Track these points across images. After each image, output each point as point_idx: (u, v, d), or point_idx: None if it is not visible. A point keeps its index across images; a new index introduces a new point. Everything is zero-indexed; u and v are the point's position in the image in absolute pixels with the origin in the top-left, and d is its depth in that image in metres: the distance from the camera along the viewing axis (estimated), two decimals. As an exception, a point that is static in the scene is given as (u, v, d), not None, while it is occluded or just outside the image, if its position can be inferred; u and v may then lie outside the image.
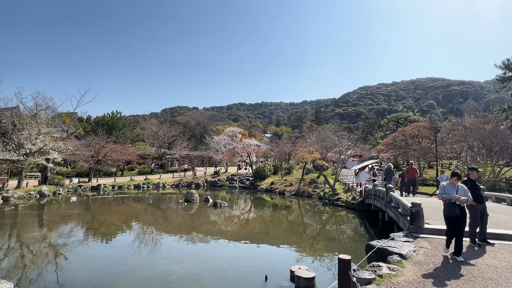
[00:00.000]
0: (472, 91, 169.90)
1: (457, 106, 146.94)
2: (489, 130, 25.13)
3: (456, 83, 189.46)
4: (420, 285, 5.07)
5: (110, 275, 7.61)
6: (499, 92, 31.52)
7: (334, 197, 21.93)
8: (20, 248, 10.41)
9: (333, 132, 40.71)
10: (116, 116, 58.26)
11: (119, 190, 29.14)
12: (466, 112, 76.08)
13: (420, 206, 8.56)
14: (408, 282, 5.20)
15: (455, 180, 6.34)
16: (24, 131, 24.33)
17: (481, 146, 23.79)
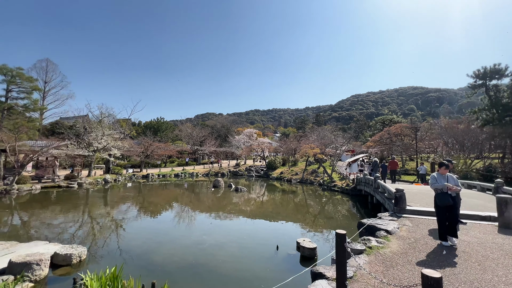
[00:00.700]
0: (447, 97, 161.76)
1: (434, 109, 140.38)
2: (461, 129, 23.91)
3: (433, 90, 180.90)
4: (403, 255, 4.91)
5: (156, 243, 7.81)
6: (471, 97, 29.77)
7: (331, 184, 21.55)
8: (91, 221, 10.86)
9: (330, 132, 39.94)
10: (160, 121, 59.44)
11: (163, 178, 29.83)
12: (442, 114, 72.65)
13: (403, 192, 8.27)
14: (393, 253, 5.04)
15: (443, 169, 5.50)
16: (92, 133, 25.33)
17: (455, 142, 22.71)
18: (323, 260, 5.85)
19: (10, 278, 4.75)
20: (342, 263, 2.93)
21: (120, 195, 18.30)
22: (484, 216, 7.27)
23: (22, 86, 20.49)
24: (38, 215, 11.54)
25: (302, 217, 12.06)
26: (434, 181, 5.42)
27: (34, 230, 9.34)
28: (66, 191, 18.83)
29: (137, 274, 5.21)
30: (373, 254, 5.05)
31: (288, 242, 7.86)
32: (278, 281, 4.78)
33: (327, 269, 4.54)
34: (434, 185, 5.39)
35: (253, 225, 10.45)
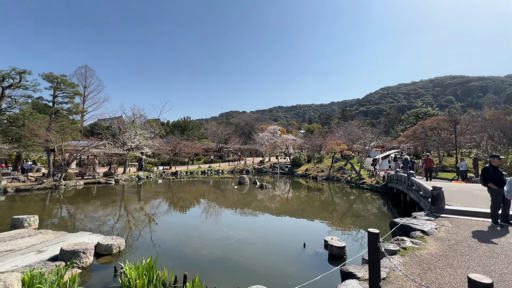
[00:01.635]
0: (492, 86, 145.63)
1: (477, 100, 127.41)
2: (510, 121, 21.42)
3: (475, 79, 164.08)
4: (442, 257, 4.57)
5: (186, 237, 8.17)
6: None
7: (359, 181, 20.71)
8: (127, 215, 11.67)
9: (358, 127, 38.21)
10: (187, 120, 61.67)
11: (190, 175, 31.00)
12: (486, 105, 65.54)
13: (441, 190, 7.67)
14: (430, 255, 4.72)
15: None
16: (126, 133, 27.11)
17: (502, 135, 20.44)
18: (353, 260, 5.66)
19: (62, 264, 5.30)
20: (375, 264, 2.80)
21: (152, 191, 19.39)
22: (539, 218, 6.49)
23: (66, 91, 22.55)
24: (82, 208, 12.69)
25: (329, 215, 11.76)
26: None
27: (79, 222, 10.29)
28: (105, 186, 20.43)
29: (170, 266, 5.50)
30: (408, 256, 4.77)
31: (315, 240, 7.73)
32: (306, 278, 4.74)
33: (358, 269, 4.39)
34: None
35: (278, 222, 10.43)
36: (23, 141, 20.57)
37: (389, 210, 12.50)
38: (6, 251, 5.94)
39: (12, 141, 20.94)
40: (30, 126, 20.13)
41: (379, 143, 34.55)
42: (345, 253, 6.38)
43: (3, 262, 5.25)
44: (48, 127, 21.20)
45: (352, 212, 12.25)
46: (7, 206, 13.17)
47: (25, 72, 19.99)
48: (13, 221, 8.56)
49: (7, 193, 16.46)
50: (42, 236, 7.09)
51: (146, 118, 32.87)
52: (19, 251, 5.95)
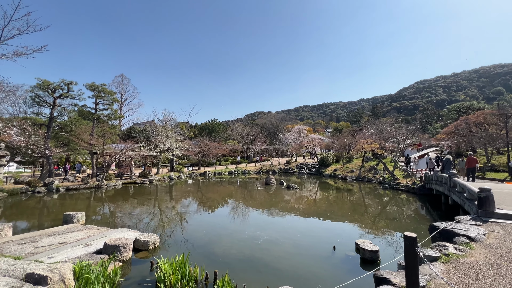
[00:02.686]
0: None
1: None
2: None
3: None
4: (493, 267, 4.13)
5: (216, 236, 8.41)
6: None
7: (393, 182, 19.49)
8: (160, 213, 12.37)
9: (390, 124, 35.96)
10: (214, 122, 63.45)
11: (218, 176, 31.84)
12: (544, 95, 57.35)
13: (489, 191, 6.92)
14: (478, 263, 4.29)
15: None
16: (158, 136, 28.76)
17: None
18: (387, 265, 5.35)
19: (105, 257, 5.80)
20: (413, 270, 2.62)
21: (183, 191, 20.28)
22: None
23: (106, 99, 24.67)
24: (121, 206, 13.74)
25: (360, 217, 11.24)
26: None
27: (118, 219, 11.15)
28: (140, 186, 21.88)
29: (201, 263, 5.72)
30: (451, 263, 4.39)
31: (345, 242, 7.46)
32: (337, 282, 4.59)
33: (393, 274, 4.15)
34: None
35: (306, 223, 10.25)
36: (71, 145, 22.93)
37: (428, 213, 11.58)
38: (60, 243, 6.67)
39: (62, 145, 23.41)
40: (76, 132, 22.37)
41: (415, 141, 32.20)
42: (378, 258, 6.06)
43: (58, 253, 5.91)
44: (91, 132, 23.33)
45: (385, 214, 11.58)
46: (59, 203, 14.75)
47: (72, 83, 22.24)
48: (64, 217, 9.58)
49: (59, 192, 18.44)
50: (88, 231, 7.83)
51: (176, 121, 34.60)
52: (70, 244, 6.64)
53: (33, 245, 6.45)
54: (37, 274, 4.07)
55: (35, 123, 21.65)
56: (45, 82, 20.98)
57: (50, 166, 21.41)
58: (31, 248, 6.26)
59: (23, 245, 6.43)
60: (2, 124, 13.13)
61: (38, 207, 13.79)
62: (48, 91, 21.42)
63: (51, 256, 5.72)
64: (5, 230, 7.57)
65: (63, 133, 23.30)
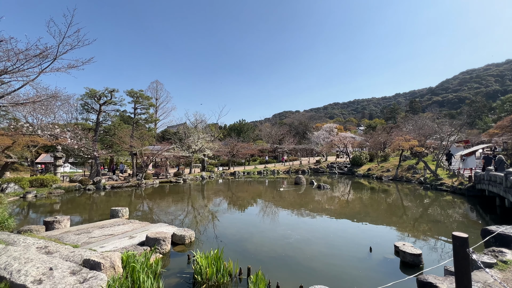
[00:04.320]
0: None
1: None
2: None
3: None
4: None
5: (248, 233, 8.57)
6: None
7: (436, 182, 17.89)
8: (193, 210, 12.96)
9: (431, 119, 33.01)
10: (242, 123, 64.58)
11: (247, 175, 32.28)
12: None
13: (558, 192, 6.01)
14: (545, 273, 3.77)
15: None
16: (190, 137, 30.16)
17: None
18: (431, 270, 4.96)
19: (148, 248, 6.28)
20: (464, 274, 2.40)
21: (214, 190, 20.99)
22: None
23: (143, 104, 26.69)
24: (158, 203, 14.69)
25: (398, 219, 10.55)
26: None
27: (156, 215, 11.95)
28: (175, 185, 23.14)
29: (234, 258, 5.88)
30: (510, 271, 3.93)
31: (382, 245, 7.08)
32: (375, 284, 4.40)
33: (440, 280, 3.84)
34: None
35: (339, 224, 9.92)
36: (114, 147, 25.15)
37: (479, 217, 10.44)
38: (109, 235, 7.38)
39: (107, 147, 25.81)
40: (118, 135, 24.47)
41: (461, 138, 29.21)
42: (421, 262, 5.64)
43: (107, 243, 6.55)
44: (131, 135, 25.36)
45: (427, 217, 10.71)
46: (105, 199, 16.29)
47: (114, 91, 24.41)
48: (111, 212, 10.56)
49: (106, 190, 20.35)
50: (132, 225, 8.54)
51: (206, 123, 35.88)
52: (117, 235, 7.31)
53: (87, 236, 7.23)
54: (92, 261, 4.57)
55: (84, 128, 24.21)
56: (92, 90, 23.34)
57: (97, 166, 23.73)
58: (85, 238, 7.03)
59: (79, 235, 7.25)
60: (59, 130, 14.91)
61: (88, 202, 15.39)
62: (94, 99, 23.80)
63: (102, 246, 6.36)
64: (64, 222, 8.61)
65: (107, 136, 25.69)
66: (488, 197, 12.80)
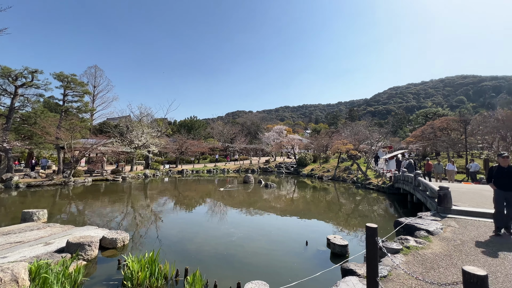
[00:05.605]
0: (505, 86, 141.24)
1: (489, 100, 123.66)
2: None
3: (488, 78, 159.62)
4: (446, 257, 4.49)
5: (191, 233, 8.25)
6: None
7: (366, 182, 20.45)
8: (133, 211, 11.86)
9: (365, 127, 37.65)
10: (193, 120, 62.17)
11: (196, 174, 31.24)
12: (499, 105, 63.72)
13: (448, 190, 7.52)
14: (434, 254, 4.64)
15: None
16: (133, 132, 27.54)
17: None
18: (355, 258, 5.61)
19: (68, 256, 5.44)
20: (373, 259, 2.77)
21: (158, 189, 19.63)
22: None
23: (76, 90, 23.08)
24: (90, 204, 12.96)
25: (334, 215, 11.66)
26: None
27: (86, 217, 10.52)
28: (113, 184, 20.81)
29: (173, 260, 5.57)
30: (411, 255, 4.70)
31: (318, 238, 7.69)
32: (307, 275, 4.72)
33: (359, 266, 4.35)
34: None
35: (282, 221, 10.41)
36: (34, 139, 21.17)
37: (396, 211, 12.31)
38: (16, 242, 6.13)
39: (24, 138, 21.56)
40: (41, 124, 20.68)
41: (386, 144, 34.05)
42: (347, 252, 6.32)
43: (12, 253, 5.43)
44: (58, 125, 21.73)
45: (357, 212, 12.12)
46: (18, 201, 13.58)
47: (37, 72, 20.55)
48: (23, 215, 8.82)
49: (19, 189, 16.97)
50: (50, 229, 7.29)
51: (153, 117, 33.32)
52: (28, 242, 6.13)
53: (-17, 245, 5.86)
54: (-15, 275, 3.71)
55: (-8, 113, 19.71)
56: (5, 68, 19.17)
57: (9, 160, 19.62)
58: (-19, 248, 5.69)
59: (-29, 245, 5.83)
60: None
61: (-7, 204, 12.58)
62: (8, 79, 19.61)
63: (4, 256, 5.24)
64: (-50, 229, 6.81)
65: (25, 125, 21.42)
66: (403, 194, 15.21)
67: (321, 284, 4.65)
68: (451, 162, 16.23)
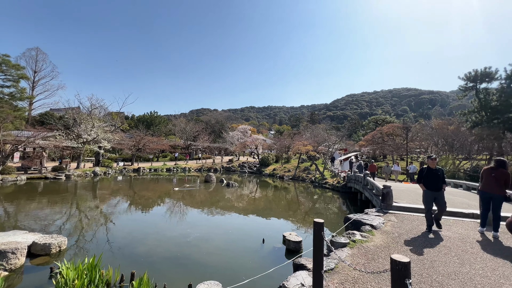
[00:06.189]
0: (439, 99, 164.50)
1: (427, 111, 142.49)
2: (451, 131, 24.34)
3: (426, 92, 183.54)
4: (385, 248, 4.95)
5: (142, 235, 7.70)
6: (461, 99, 30.36)
7: (323, 181, 21.69)
8: (78, 213, 10.63)
9: (324, 130, 40.15)
10: (154, 115, 58.66)
11: (155, 172, 29.51)
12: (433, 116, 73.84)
13: (390, 188, 8.34)
14: (376, 246, 5.08)
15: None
16: (82, 125, 24.79)
17: (445, 143, 23.13)
18: (307, 253, 5.85)
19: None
20: (319, 252, 2.90)
21: (111, 188, 18.00)
22: (467, 214, 7.40)
23: (9, 73, 19.84)
24: (22, 206, 11.23)
25: (293, 213, 12.07)
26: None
27: (17, 221, 9.07)
28: (54, 182, 18.41)
29: (119, 264, 5.12)
30: (356, 248, 5.07)
31: (275, 236, 7.85)
32: (261, 272, 4.76)
33: (309, 261, 4.54)
34: None
35: (241, 220, 10.39)
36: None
37: (347, 208, 13.27)
38: None
39: None
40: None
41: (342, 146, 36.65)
42: (301, 247, 6.57)
43: None
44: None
45: (314, 210, 12.75)
46: None
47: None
48: None
49: None
50: (-38, 236, 6.08)
51: (106, 110, 30.47)
52: None
53: None
54: None
55: None
56: None
57: None
58: None
59: None
60: None
61: None
62: None
63: None
64: None
65: None
66: (354, 193, 16.52)
67: (273, 280, 4.73)
68: (397, 164, 18.27)
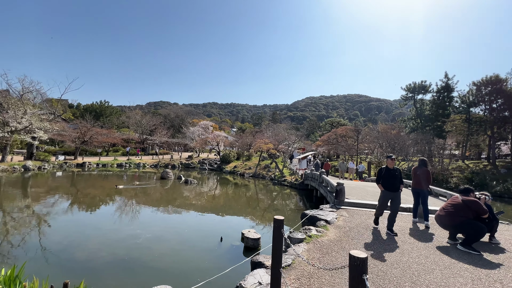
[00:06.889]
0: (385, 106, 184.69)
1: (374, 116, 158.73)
2: (393, 135, 27.43)
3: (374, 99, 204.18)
4: (338, 242, 5.19)
5: (81, 238, 6.78)
6: (402, 108, 34.55)
7: (282, 179, 22.32)
8: (3, 216, 8.91)
9: (284, 129, 41.37)
10: (104, 105, 53.16)
11: (103, 168, 26.74)
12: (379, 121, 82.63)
13: (343, 185, 8.89)
14: (329, 241, 5.30)
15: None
16: (9, 111, 20.98)
17: (388, 145, 25.88)
18: (265, 250, 5.85)
19: None
20: (278, 249, 2.85)
21: (47, 186, 15.66)
22: (405, 208, 8.31)
23: None
24: None
25: (252, 210, 12.08)
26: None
27: None
28: (-33, 178, 15.23)
29: (51, 273, 4.36)
30: (312, 242, 5.23)
31: (234, 234, 7.70)
32: (218, 272, 4.56)
33: (267, 258, 4.50)
34: None
35: (198, 219, 10.00)
36: None
37: (304, 205, 13.85)
38: None
39: None
40: None
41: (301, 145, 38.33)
42: (259, 244, 6.55)
43: None
44: None
45: (273, 207, 12.98)
46: None
47: None
48: None
49: None
50: None
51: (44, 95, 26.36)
52: None
53: None
54: None
55: None
56: None
57: None
58: None
59: None
60: None
61: None
62: None
63: None
64: None
65: None
66: (311, 190, 17.36)
67: (230, 280, 4.58)
68: (352, 161, 19.78)
